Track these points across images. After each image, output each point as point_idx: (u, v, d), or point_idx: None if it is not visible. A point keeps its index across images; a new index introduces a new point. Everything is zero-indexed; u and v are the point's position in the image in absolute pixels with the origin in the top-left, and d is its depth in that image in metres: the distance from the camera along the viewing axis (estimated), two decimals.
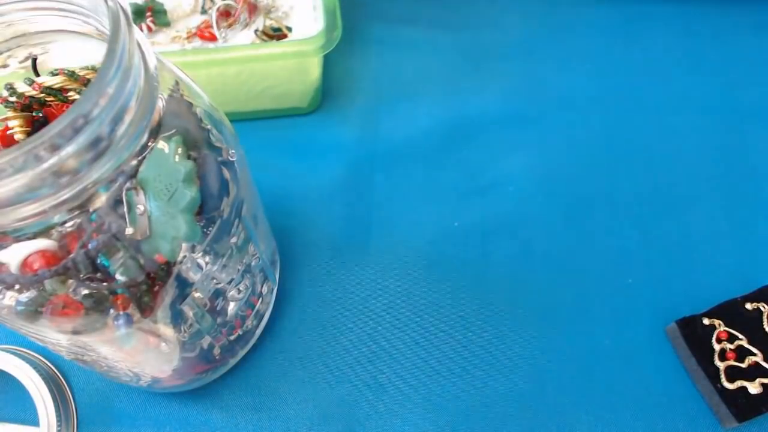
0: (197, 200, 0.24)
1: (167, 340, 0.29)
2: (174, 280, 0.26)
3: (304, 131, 0.49)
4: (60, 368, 0.39)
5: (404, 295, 0.41)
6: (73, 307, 0.24)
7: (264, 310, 0.38)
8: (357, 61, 0.53)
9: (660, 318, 0.40)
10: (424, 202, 0.45)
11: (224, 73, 0.44)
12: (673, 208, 0.45)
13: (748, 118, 0.49)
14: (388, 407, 0.38)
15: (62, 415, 0.36)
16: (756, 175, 0.46)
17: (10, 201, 0.19)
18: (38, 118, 0.27)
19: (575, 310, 0.41)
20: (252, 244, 0.32)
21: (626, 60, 0.53)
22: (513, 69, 0.52)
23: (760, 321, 0.38)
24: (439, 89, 0.51)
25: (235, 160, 0.28)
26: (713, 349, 0.38)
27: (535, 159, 0.47)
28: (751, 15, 0.55)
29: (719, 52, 0.53)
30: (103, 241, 0.23)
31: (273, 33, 0.47)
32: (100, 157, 0.21)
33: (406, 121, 0.49)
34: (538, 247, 0.43)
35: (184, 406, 0.38)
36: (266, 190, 0.38)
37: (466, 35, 0.54)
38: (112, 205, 0.23)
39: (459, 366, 0.39)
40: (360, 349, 0.39)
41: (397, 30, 0.54)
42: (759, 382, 0.36)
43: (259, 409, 0.38)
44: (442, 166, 0.47)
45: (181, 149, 0.23)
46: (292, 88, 0.46)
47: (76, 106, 0.19)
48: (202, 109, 0.27)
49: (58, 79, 0.27)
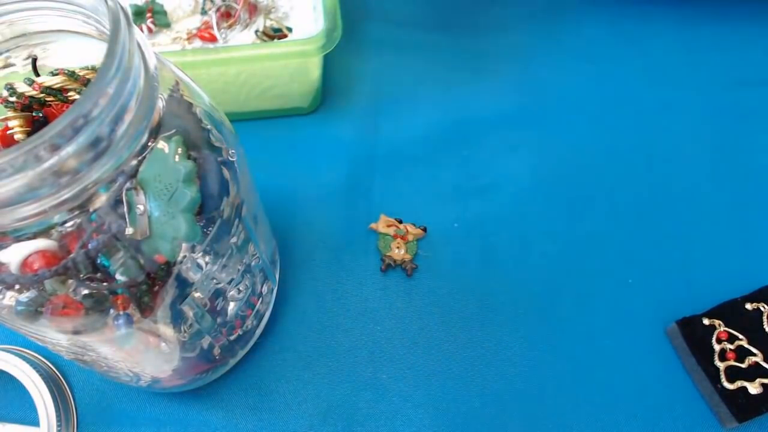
0: (197, 200, 0.24)
1: (167, 340, 0.29)
2: (174, 280, 0.26)
3: (304, 131, 0.49)
4: (60, 368, 0.39)
5: (404, 295, 0.41)
6: (73, 307, 0.24)
7: (264, 310, 0.38)
8: (357, 61, 0.53)
9: (660, 318, 0.40)
10: (424, 202, 0.45)
11: (224, 74, 0.44)
12: (673, 208, 0.45)
13: (748, 118, 0.49)
14: (388, 407, 0.38)
15: (62, 415, 0.36)
16: (756, 175, 0.46)
17: (10, 201, 0.19)
18: (38, 118, 0.27)
19: (575, 310, 0.41)
20: (252, 244, 0.32)
21: (626, 60, 0.53)
22: (513, 69, 0.52)
23: (760, 321, 0.38)
24: (439, 89, 0.51)
25: (235, 160, 0.28)
26: (713, 349, 0.38)
27: (534, 159, 0.47)
28: (751, 15, 0.55)
29: (719, 53, 0.53)
30: (103, 241, 0.23)
31: (273, 33, 0.47)
32: (100, 157, 0.21)
33: (406, 121, 0.49)
34: (537, 248, 0.43)
35: (184, 406, 0.38)
36: (266, 190, 0.38)
37: (466, 35, 0.54)
38: (112, 205, 0.23)
39: (459, 366, 0.39)
40: (360, 350, 0.39)
41: (397, 30, 0.54)
42: (759, 382, 0.36)
43: (259, 409, 0.38)
44: (442, 166, 0.47)
45: (181, 149, 0.23)
46: (293, 88, 0.46)
47: (76, 106, 0.19)
48: (202, 109, 0.27)
49: (58, 79, 0.27)
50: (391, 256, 0.42)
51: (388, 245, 0.42)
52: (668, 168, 0.47)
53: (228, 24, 0.47)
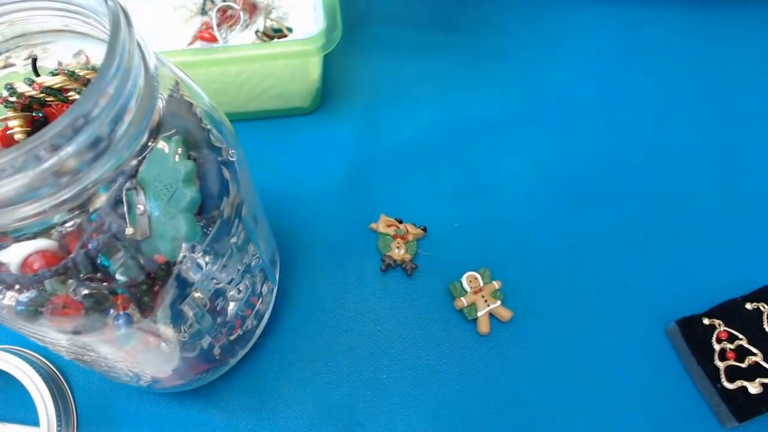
0: (197, 200, 0.24)
1: (167, 340, 0.29)
2: (174, 280, 0.26)
3: (304, 131, 0.49)
4: (60, 368, 0.39)
5: (404, 295, 0.41)
6: (73, 307, 0.24)
7: (264, 310, 0.38)
8: (357, 61, 0.53)
9: (660, 318, 0.40)
10: (424, 202, 0.45)
11: (225, 74, 0.44)
12: (673, 207, 0.45)
13: (748, 117, 0.49)
14: (388, 407, 0.38)
15: (62, 415, 0.36)
16: (756, 175, 0.46)
17: (10, 201, 0.19)
18: (38, 118, 0.27)
19: (575, 309, 0.41)
20: (252, 244, 0.32)
21: (626, 60, 0.53)
22: (512, 69, 0.52)
23: (760, 321, 0.38)
24: (439, 89, 0.51)
25: (235, 160, 0.28)
26: (713, 349, 0.38)
27: (534, 159, 0.47)
28: (751, 15, 0.55)
29: (719, 52, 0.53)
30: (103, 241, 0.23)
31: (273, 33, 0.47)
32: (100, 157, 0.21)
33: (406, 121, 0.49)
34: (537, 247, 0.43)
35: (184, 406, 0.38)
36: (266, 190, 0.38)
37: (466, 36, 0.54)
38: (112, 205, 0.23)
39: (459, 366, 0.39)
40: (360, 350, 0.39)
41: (397, 30, 0.54)
42: (759, 382, 0.36)
43: (259, 409, 0.38)
44: (442, 166, 0.47)
45: (181, 149, 0.23)
46: (293, 88, 0.46)
47: (76, 106, 0.19)
48: (202, 109, 0.27)
49: (58, 79, 0.27)
50: (391, 256, 0.42)
51: (388, 245, 0.42)
52: (668, 168, 0.47)
53: (228, 24, 0.47)
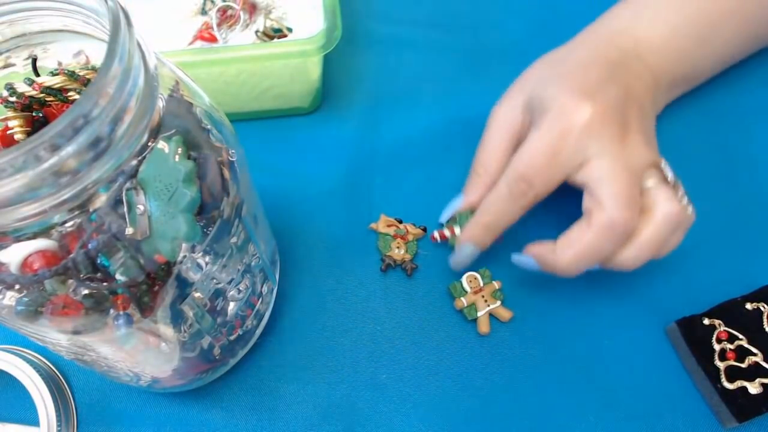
0: (197, 200, 0.24)
1: (167, 340, 0.29)
2: (174, 280, 0.26)
3: (304, 131, 0.49)
4: (60, 368, 0.39)
5: (404, 295, 0.41)
6: (73, 307, 0.24)
7: (264, 310, 0.38)
8: (357, 61, 0.53)
9: (660, 318, 0.40)
10: (424, 202, 0.45)
11: (224, 74, 0.44)
12: None
13: (748, 117, 0.49)
14: (388, 407, 0.38)
15: (62, 415, 0.36)
16: (756, 175, 0.46)
17: (10, 201, 0.19)
18: (38, 118, 0.27)
19: (575, 309, 0.41)
20: (252, 244, 0.32)
21: None
22: (512, 69, 0.51)
23: (760, 321, 0.38)
24: (439, 89, 0.51)
25: (235, 160, 0.28)
26: (713, 349, 0.38)
27: None
28: None
29: None
30: (103, 241, 0.23)
31: (273, 33, 0.47)
32: (100, 157, 0.21)
33: (406, 120, 0.49)
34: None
35: (184, 406, 0.38)
36: (266, 190, 0.38)
37: (466, 35, 0.54)
38: (112, 205, 0.23)
39: (458, 366, 0.39)
40: (360, 350, 0.39)
41: (397, 30, 0.54)
42: (759, 382, 0.36)
43: (259, 409, 0.38)
44: (442, 166, 0.47)
45: (181, 149, 0.23)
46: (293, 88, 0.46)
47: (76, 106, 0.19)
48: (202, 109, 0.27)
49: (58, 79, 0.27)
50: (391, 256, 0.42)
51: (388, 245, 0.42)
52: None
53: (228, 24, 0.47)
